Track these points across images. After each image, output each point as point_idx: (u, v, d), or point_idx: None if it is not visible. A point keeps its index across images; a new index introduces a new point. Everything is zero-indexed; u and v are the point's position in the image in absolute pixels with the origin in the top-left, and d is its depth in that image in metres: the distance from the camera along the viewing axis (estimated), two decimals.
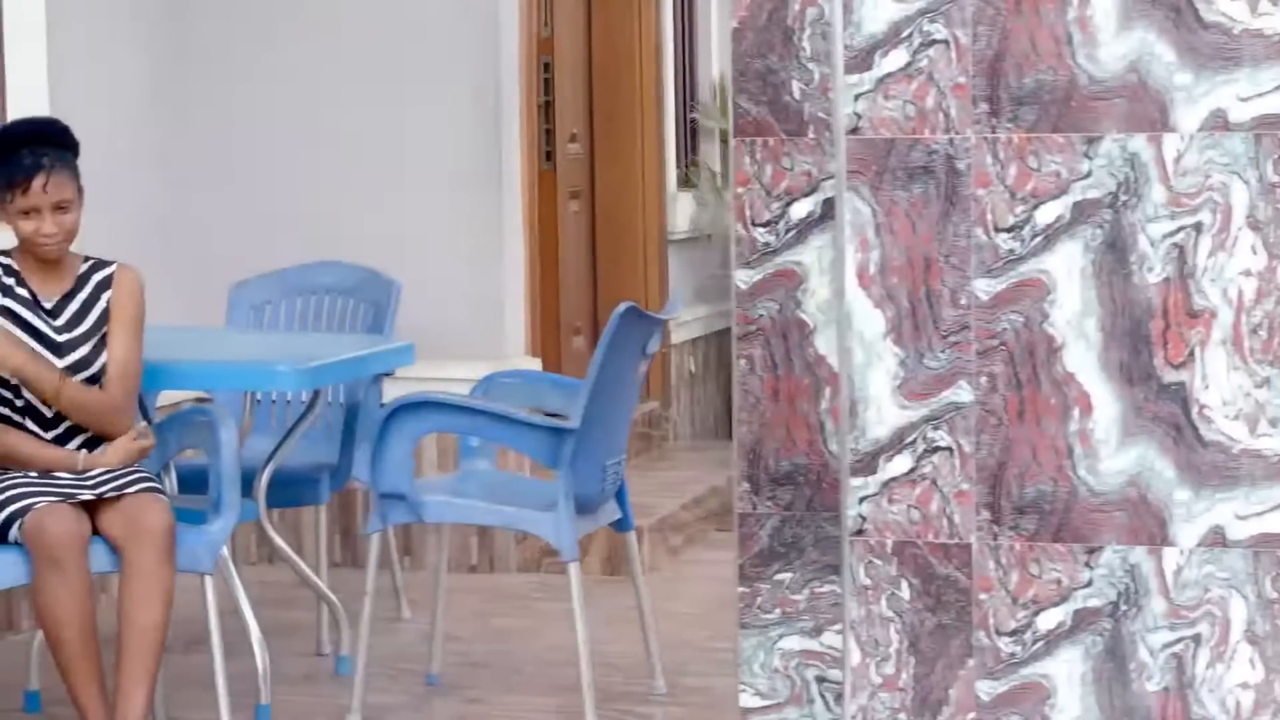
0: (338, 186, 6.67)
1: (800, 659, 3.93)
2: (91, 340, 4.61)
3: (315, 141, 6.68)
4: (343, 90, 6.64)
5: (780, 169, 3.87)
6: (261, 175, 6.71)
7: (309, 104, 6.67)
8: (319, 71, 6.66)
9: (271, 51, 6.68)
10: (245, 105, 6.70)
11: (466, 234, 6.59)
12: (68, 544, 4.31)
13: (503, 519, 4.94)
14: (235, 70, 6.70)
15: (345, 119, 6.65)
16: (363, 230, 6.59)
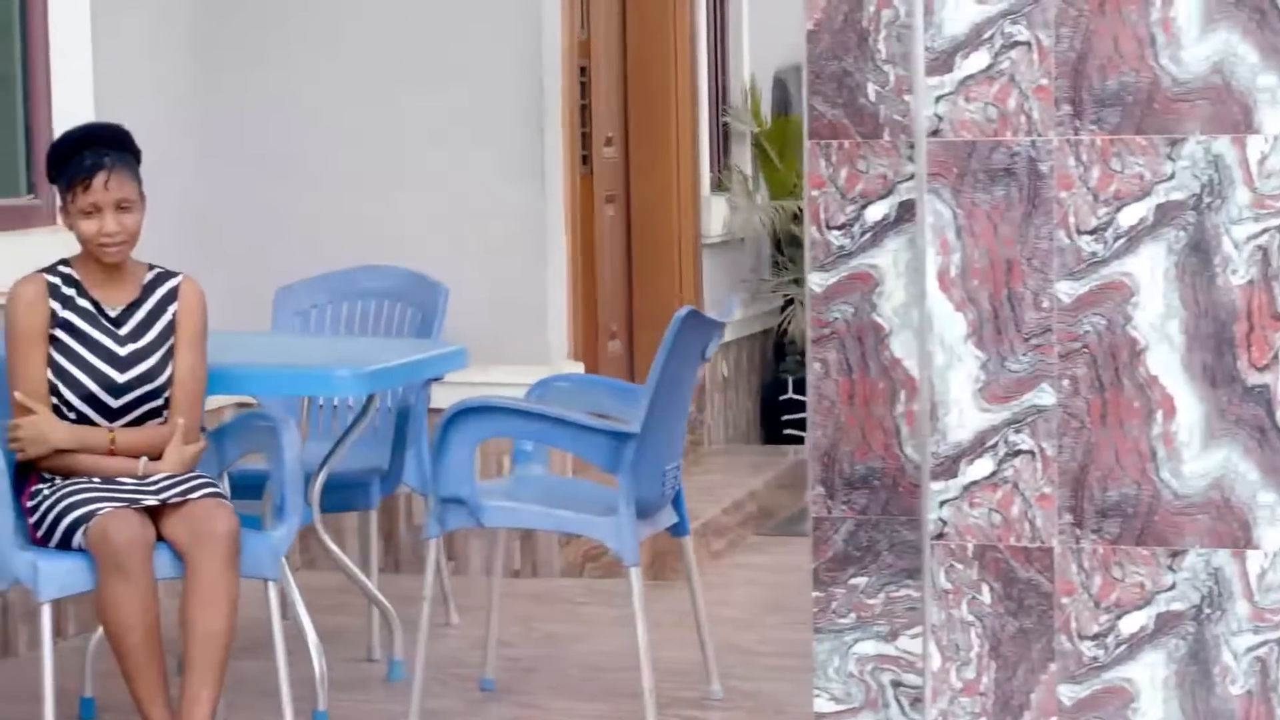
0: (380, 190, 6.65)
1: (875, 663, 3.91)
2: (157, 353, 4.59)
3: (358, 145, 6.66)
4: (386, 93, 6.63)
5: (855, 172, 3.85)
6: (303, 179, 6.69)
7: (353, 107, 6.65)
8: (363, 75, 6.64)
9: (315, 54, 6.67)
10: (287, 110, 6.68)
11: (510, 238, 6.57)
12: (133, 550, 4.29)
13: (563, 524, 4.92)
14: (278, 74, 6.69)
15: (388, 122, 6.63)
16: (405, 234, 6.57)
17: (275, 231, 6.67)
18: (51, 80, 5.94)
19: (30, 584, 4.38)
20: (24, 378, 4.54)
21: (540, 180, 6.56)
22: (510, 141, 6.55)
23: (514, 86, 6.54)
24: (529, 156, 6.55)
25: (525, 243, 6.58)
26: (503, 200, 6.57)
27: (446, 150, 6.60)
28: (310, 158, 6.68)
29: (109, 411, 4.56)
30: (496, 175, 6.57)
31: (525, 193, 6.57)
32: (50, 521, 4.44)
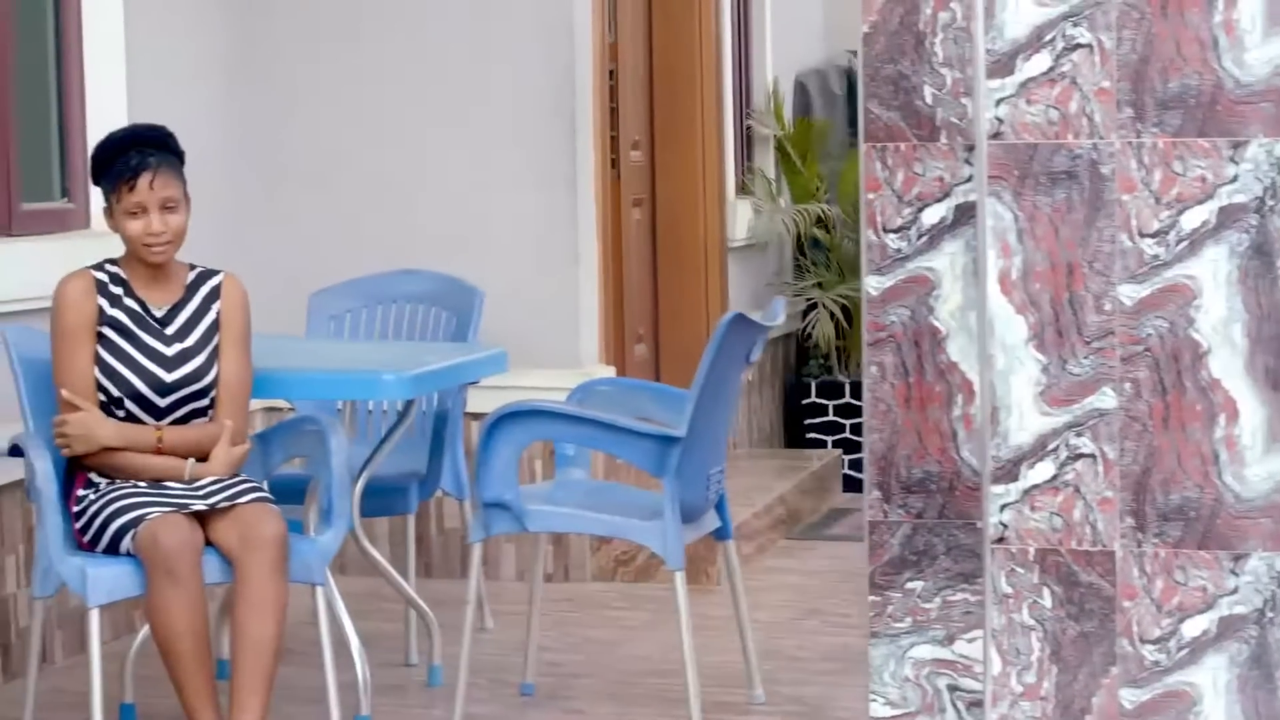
0: (412, 194, 6.64)
1: (932, 668, 3.91)
2: (203, 353, 4.58)
3: (390, 148, 6.65)
4: (418, 97, 6.61)
5: (912, 174, 3.85)
6: (336, 183, 6.68)
7: (384, 111, 6.64)
8: (395, 78, 6.63)
9: (347, 58, 6.65)
10: (320, 114, 6.67)
11: (542, 242, 6.56)
12: (182, 554, 4.28)
13: (608, 528, 4.90)
14: (310, 79, 6.67)
15: (420, 125, 6.62)
16: (437, 238, 6.56)
17: (308, 236, 6.66)
18: (85, 85, 5.93)
19: (78, 590, 4.36)
20: (71, 374, 4.52)
21: (572, 184, 6.55)
22: (543, 145, 6.54)
23: (546, 90, 6.52)
24: (561, 160, 6.54)
25: (557, 247, 6.57)
26: (534, 204, 6.56)
27: (478, 154, 6.59)
28: (343, 162, 6.67)
29: (156, 411, 4.54)
30: (528, 179, 6.55)
31: (557, 196, 6.55)
32: (97, 526, 4.42)
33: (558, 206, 6.56)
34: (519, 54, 6.53)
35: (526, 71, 6.52)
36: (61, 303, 4.56)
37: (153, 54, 6.13)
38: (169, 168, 4.55)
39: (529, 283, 6.51)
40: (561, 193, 6.55)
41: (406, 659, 5.63)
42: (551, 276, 6.56)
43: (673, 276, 7.92)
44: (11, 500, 5.46)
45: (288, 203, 6.69)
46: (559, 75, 6.52)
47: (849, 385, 8.83)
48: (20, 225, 5.63)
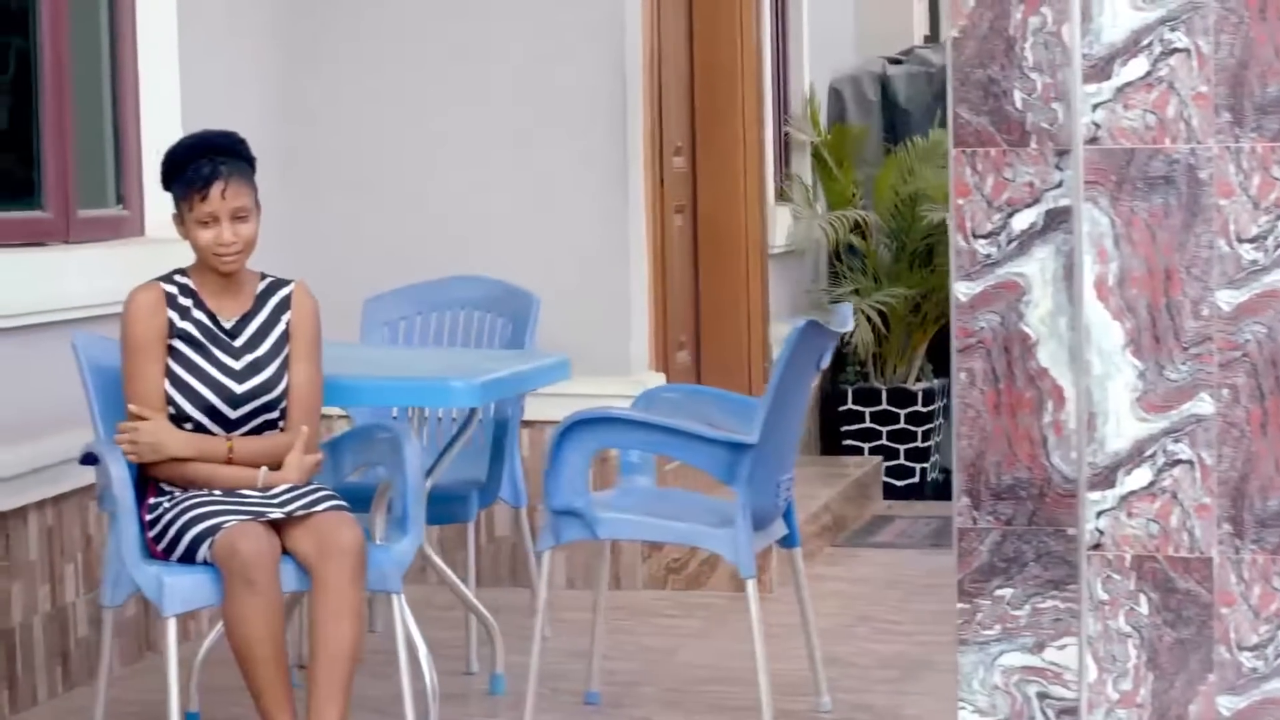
0: (463, 200, 6.62)
1: (1021, 675, 3.89)
2: (274, 363, 4.56)
3: (442, 155, 6.63)
4: (470, 102, 6.60)
5: (1002, 180, 3.83)
6: (388, 190, 6.66)
7: (436, 118, 6.62)
8: (447, 84, 6.61)
9: (401, 66, 6.64)
10: (372, 121, 6.65)
11: (593, 248, 6.54)
12: (260, 563, 4.25)
13: (679, 535, 4.89)
14: (364, 86, 6.66)
15: (471, 131, 6.60)
16: (487, 244, 6.54)
17: (360, 242, 6.63)
18: (140, 93, 5.91)
19: (155, 598, 4.34)
20: (141, 388, 4.50)
21: (623, 190, 6.53)
22: (594, 152, 6.52)
23: (598, 96, 6.51)
24: (612, 167, 6.52)
25: (608, 253, 6.55)
26: (586, 210, 6.54)
27: (529, 161, 6.57)
28: (395, 168, 6.65)
29: (227, 423, 4.52)
30: (580, 186, 6.54)
31: (608, 203, 6.53)
32: (173, 535, 4.39)
33: (609, 213, 6.54)
34: (571, 59, 6.51)
35: (578, 77, 6.50)
36: (131, 316, 4.54)
37: (206, 62, 6.11)
38: (241, 176, 4.53)
39: (580, 289, 6.49)
40: (613, 199, 6.53)
41: (467, 667, 5.60)
42: (603, 283, 6.54)
43: (714, 283, 7.89)
44: (70, 509, 5.44)
45: (339, 208, 6.67)
46: (611, 81, 6.50)
47: (886, 392, 8.82)
48: (78, 233, 5.61)
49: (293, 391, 4.57)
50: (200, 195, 4.48)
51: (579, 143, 6.52)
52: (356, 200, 6.66)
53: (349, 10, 6.66)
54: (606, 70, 6.50)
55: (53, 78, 5.50)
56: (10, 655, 5.21)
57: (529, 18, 6.54)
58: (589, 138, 6.52)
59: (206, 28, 6.12)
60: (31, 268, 5.32)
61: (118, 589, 4.51)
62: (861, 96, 9.33)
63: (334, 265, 6.57)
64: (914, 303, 8.79)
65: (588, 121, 6.51)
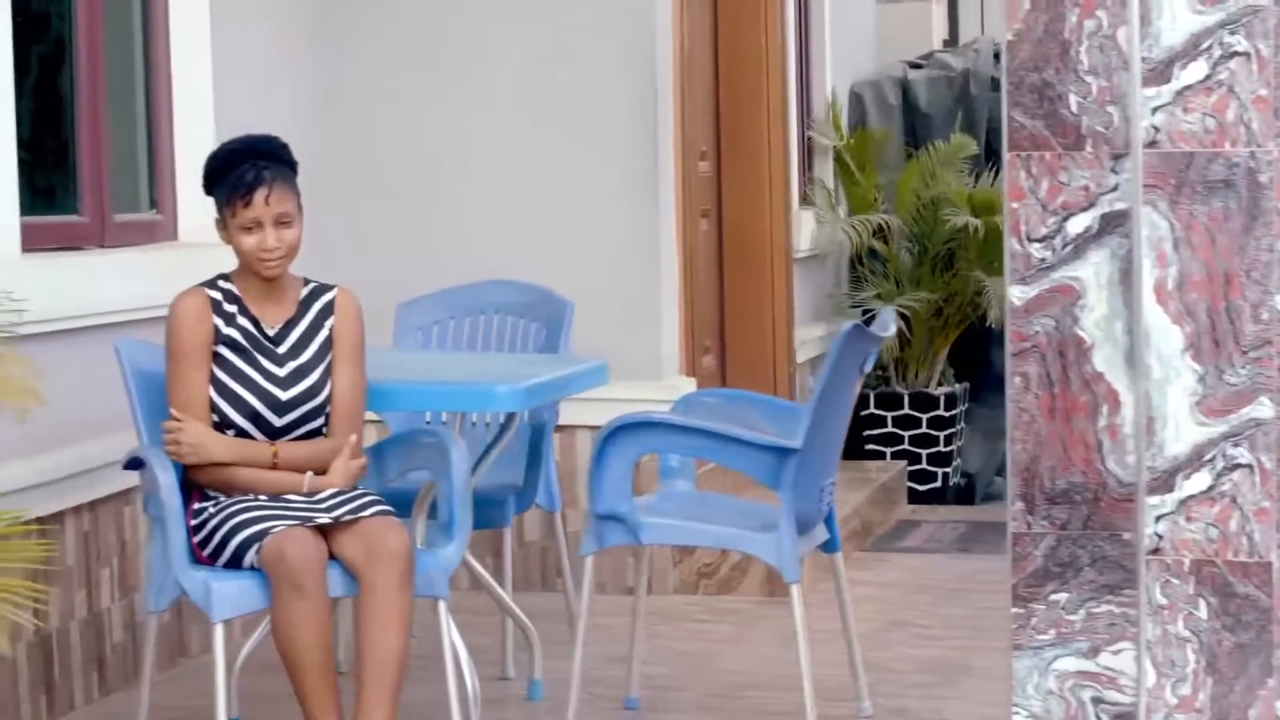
0: (493, 205, 6.61)
1: (1076, 680, 3.87)
2: (317, 370, 4.55)
3: (472, 158, 6.62)
4: (500, 106, 6.59)
5: (1057, 183, 3.81)
6: (417, 193, 6.65)
7: (467, 121, 6.61)
8: (478, 88, 6.60)
9: (430, 68, 6.63)
10: (403, 126, 6.65)
11: (624, 253, 6.53)
12: (308, 568, 4.24)
13: (722, 540, 4.88)
14: (396, 91, 6.65)
15: (501, 135, 6.59)
16: (518, 248, 6.53)
17: (391, 246, 6.62)
18: (173, 97, 5.90)
19: (202, 604, 4.32)
20: (185, 395, 4.49)
21: (654, 194, 6.53)
22: (625, 156, 6.51)
23: (629, 101, 6.50)
24: (643, 171, 6.52)
25: (638, 257, 6.54)
26: (616, 215, 6.53)
27: (559, 165, 6.56)
28: (425, 172, 6.65)
29: (272, 430, 4.51)
30: (610, 190, 6.53)
31: (639, 208, 6.53)
32: (219, 539, 4.38)
33: (640, 217, 6.53)
34: (602, 63, 6.50)
35: (610, 82, 6.50)
36: (176, 322, 4.52)
37: (238, 68, 6.11)
38: (284, 181, 4.52)
39: (611, 293, 6.47)
40: (643, 203, 6.52)
41: (503, 672, 5.59)
42: (633, 287, 6.53)
43: (739, 287, 7.89)
44: (106, 514, 5.43)
45: (370, 213, 6.66)
46: (642, 86, 6.50)
47: (908, 396, 8.81)
48: (113, 237, 5.60)
49: (337, 397, 4.56)
50: (244, 200, 4.47)
51: (610, 147, 6.51)
52: (387, 205, 6.64)
53: (379, 16, 6.65)
54: (637, 75, 6.49)
55: (88, 83, 5.50)
56: (47, 660, 5.20)
57: (559, 21, 6.53)
58: (620, 142, 6.51)
59: (238, 34, 6.12)
60: (68, 272, 5.30)
61: (161, 594, 4.50)
62: (882, 101, 9.32)
63: (365, 270, 6.55)
64: (936, 307, 8.78)
65: (619, 126, 6.51)
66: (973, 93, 9.25)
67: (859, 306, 8.92)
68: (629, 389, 6.28)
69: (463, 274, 6.20)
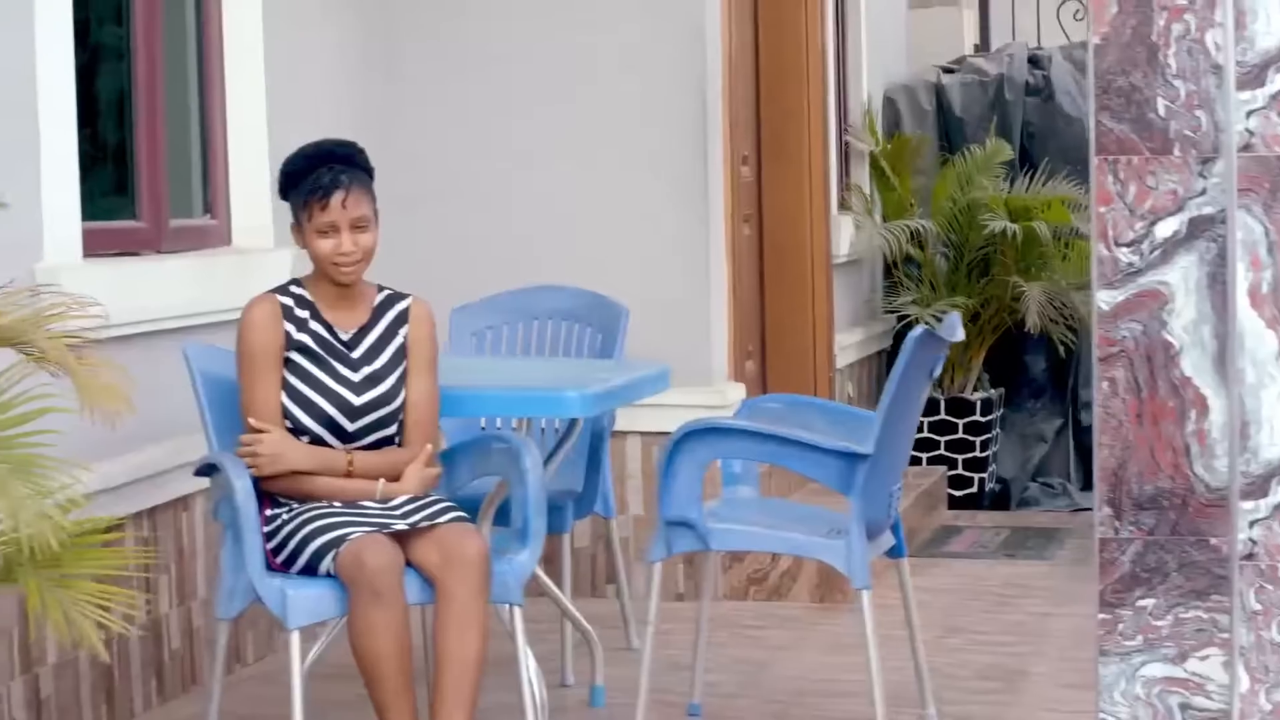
0: (543, 210, 6.60)
1: (1163, 686, 3.85)
2: (391, 377, 4.53)
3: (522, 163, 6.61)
4: (551, 112, 6.58)
5: (1145, 188, 3.80)
6: (467, 198, 6.63)
7: (518, 126, 6.60)
8: (529, 93, 6.59)
9: (481, 74, 6.62)
10: (456, 130, 6.63)
11: (674, 258, 6.51)
12: (386, 575, 4.22)
13: (792, 546, 4.86)
14: (449, 96, 6.64)
15: (553, 140, 6.58)
16: (568, 254, 6.52)
17: (441, 252, 6.60)
18: (226, 103, 5.89)
19: (278, 611, 4.30)
20: (258, 401, 4.47)
21: (704, 199, 6.51)
22: (675, 161, 6.50)
23: (679, 106, 6.48)
24: (694, 176, 6.50)
25: (689, 263, 6.52)
26: (666, 220, 6.52)
27: (610, 170, 6.55)
28: (479, 178, 6.63)
29: (345, 435, 4.49)
30: (661, 196, 6.52)
31: (689, 213, 6.51)
32: (293, 547, 4.36)
33: (689, 224, 6.51)
34: (653, 70, 6.49)
35: (661, 88, 6.48)
36: (248, 329, 4.50)
37: (291, 74, 6.09)
38: (360, 186, 4.51)
39: (661, 299, 6.46)
40: (694, 209, 6.51)
41: (562, 679, 5.57)
42: (684, 293, 6.51)
43: (779, 293, 7.87)
44: (165, 519, 5.41)
45: (423, 218, 6.64)
46: (692, 91, 6.48)
47: (944, 402, 8.79)
48: (169, 242, 5.58)
49: (411, 406, 4.54)
50: (320, 205, 4.45)
51: (661, 155, 6.50)
52: (440, 210, 6.62)
53: (431, 21, 6.63)
54: (688, 81, 6.48)
55: (146, 89, 5.49)
56: (107, 668, 5.18)
57: (610, 25, 6.52)
58: (671, 150, 6.49)
59: (290, 41, 6.10)
60: (127, 277, 5.28)
61: (232, 601, 4.48)
62: (916, 106, 9.31)
63: (416, 276, 6.50)
64: (972, 313, 8.77)
65: (670, 134, 6.49)
66: (1007, 98, 9.24)
67: (894, 312, 8.91)
68: (680, 394, 6.24)
69: (514, 279, 6.19)
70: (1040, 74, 9.31)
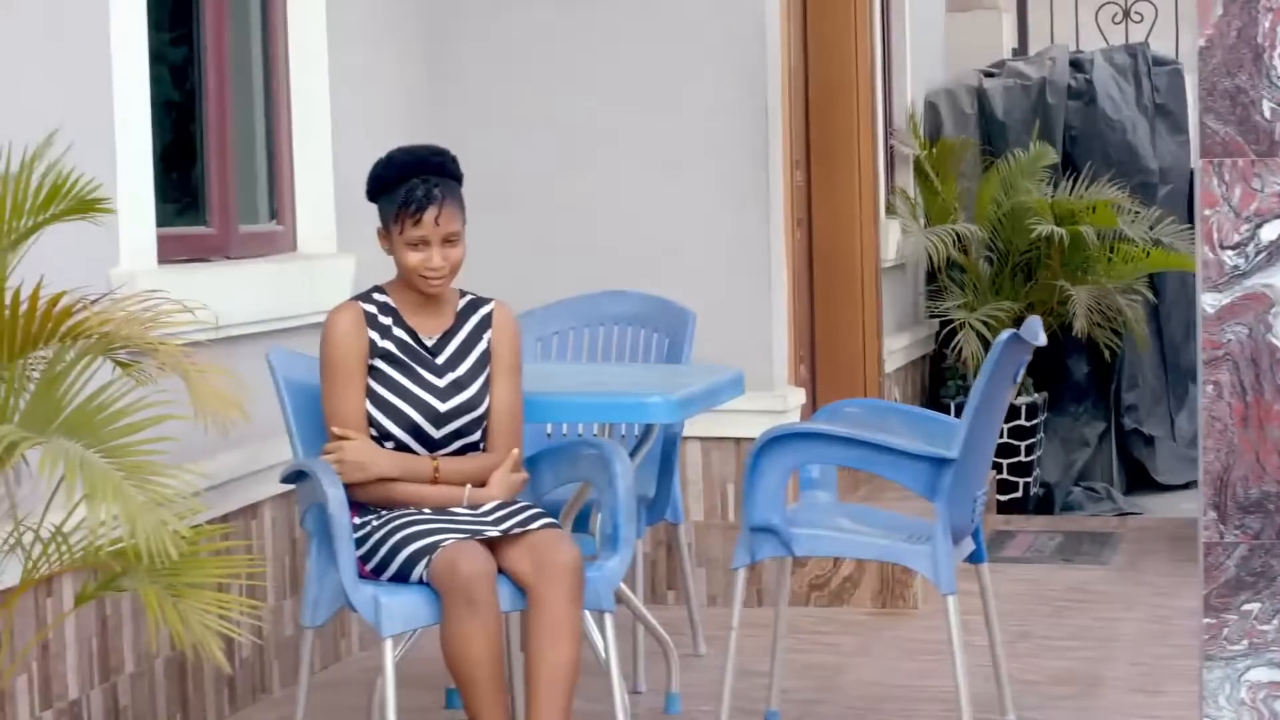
0: (604, 216, 6.57)
1: (1269, 690, 3.83)
2: (476, 382, 4.51)
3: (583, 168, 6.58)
4: (611, 116, 6.55)
5: (1250, 190, 3.77)
6: (527, 204, 6.60)
7: (578, 131, 6.57)
8: (588, 99, 6.57)
9: (544, 81, 6.59)
10: (518, 136, 6.60)
11: (735, 263, 6.49)
12: (481, 582, 4.20)
13: (876, 552, 4.84)
14: (508, 101, 6.61)
15: (612, 145, 6.56)
16: (629, 259, 6.49)
17: (503, 258, 6.57)
18: (292, 111, 5.87)
19: (371, 620, 4.27)
20: (342, 409, 4.44)
21: (765, 204, 6.48)
22: (736, 168, 6.47)
23: (740, 112, 6.45)
24: (755, 181, 6.48)
25: (750, 268, 6.49)
26: (727, 225, 6.49)
27: (671, 176, 6.52)
28: (540, 185, 6.60)
29: (430, 442, 4.47)
30: (722, 200, 6.49)
31: (749, 217, 6.48)
32: (384, 554, 4.34)
33: (750, 229, 6.48)
34: (714, 76, 6.46)
35: (721, 93, 6.46)
36: (331, 337, 4.48)
37: (354, 82, 6.07)
38: (453, 200, 4.47)
39: (723, 304, 6.43)
40: (755, 214, 6.48)
41: (634, 686, 5.54)
42: (745, 298, 6.48)
43: (829, 297, 7.85)
44: (235, 527, 5.38)
45: (486, 224, 6.59)
46: (752, 97, 6.45)
47: None
48: (238, 248, 5.56)
49: (496, 411, 4.52)
50: (414, 219, 4.42)
51: (722, 158, 6.47)
52: (502, 216, 6.60)
53: (493, 27, 6.61)
54: (748, 86, 6.45)
55: (215, 96, 5.48)
56: (181, 677, 5.16)
57: (670, 32, 6.49)
58: (732, 154, 6.47)
59: (353, 46, 6.08)
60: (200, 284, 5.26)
61: (318, 609, 4.46)
62: (957, 109, 9.29)
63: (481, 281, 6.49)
64: (1016, 316, 8.75)
65: (730, 138, 6.46)
66: (1049, 101, 9.22)
67: (939, 317, 8.89)
68: (740, 399, 6.21)
69: (576, 285, 6.17)
70: (1082, 77, 9.29)
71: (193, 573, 3.34)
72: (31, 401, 3.55)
